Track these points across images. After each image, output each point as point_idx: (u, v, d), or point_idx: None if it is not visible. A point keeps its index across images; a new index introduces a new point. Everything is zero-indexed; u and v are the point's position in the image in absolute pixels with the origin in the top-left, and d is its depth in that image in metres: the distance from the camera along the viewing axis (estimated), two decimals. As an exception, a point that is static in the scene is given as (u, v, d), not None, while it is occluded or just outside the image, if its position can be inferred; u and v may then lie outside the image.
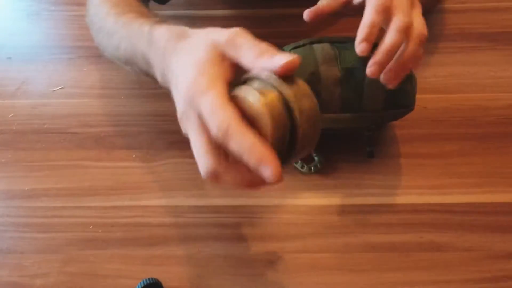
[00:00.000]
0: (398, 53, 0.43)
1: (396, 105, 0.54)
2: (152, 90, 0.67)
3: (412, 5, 0.45)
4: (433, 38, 0.71)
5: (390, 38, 0.42)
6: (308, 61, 0.52)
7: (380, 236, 0.53)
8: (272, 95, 0.34)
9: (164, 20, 0.49)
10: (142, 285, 0.48)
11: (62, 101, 0.67)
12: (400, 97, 0.53)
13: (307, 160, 0.59)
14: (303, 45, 0.55)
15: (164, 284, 0.50)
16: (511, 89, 0.65)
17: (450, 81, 0.66)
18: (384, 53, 0.42)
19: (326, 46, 0.54)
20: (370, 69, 0.42)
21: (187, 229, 0.55)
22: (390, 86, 0.45)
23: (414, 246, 0.53)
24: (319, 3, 0.48)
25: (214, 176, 0.36)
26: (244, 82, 0.37)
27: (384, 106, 0.53)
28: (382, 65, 0.42)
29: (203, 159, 0.36)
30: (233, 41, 0.37)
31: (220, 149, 0.35)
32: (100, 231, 0.55)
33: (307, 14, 0.47)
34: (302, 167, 0.58)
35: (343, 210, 0.55)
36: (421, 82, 0.66)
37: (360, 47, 0.42)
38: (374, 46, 0.43)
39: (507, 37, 0.71)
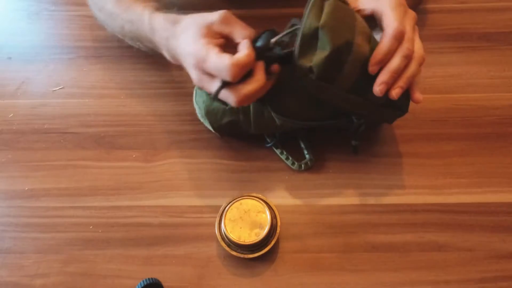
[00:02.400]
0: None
1: (394, 106, 0.53)
2: (152, 90, 0.67)
3: (414, 30, 0.51)
4: (433, 38, 0.71)
5: (396, 62, 0.48)
6: (348, 25, 0.48)
7: (380, 236, 0.53)
8: None
9: (159, 6, 0.57)
10: (142, 285, 0.48)
11: (62, 101, 0.67)
12: (401, 99, 0.51)
13: (298, 158, 0.59)
14: (347, 3, 0.51)
15: (164, 284, 0.50)
16: (511, 89, 0.65)
17: (450, 81, 0.66)
18: (391, 74, 0.48)
19: (363, 20, 0.50)
20: (379, 88, 0.48)
21: (187, 229, 0.55)
22: (395, 98, 0.50)
23: (414, 246, 0.53)
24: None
25: (244, 98, 0.47)
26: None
27: (385, 103, 0.51)
28: (389, 84, 0.49)
29: (227, 95, 0.48)
30: (227, 20, 0.49)
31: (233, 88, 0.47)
32: (100, 231, 0.55)
33: None
34: (293, 164, 0.59)
35: (343, 210, 0.55)
36: (421, 82, 0.66)
37: (379, 88, 0.49)
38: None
39: (507, 37, 0.71)
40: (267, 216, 0.52)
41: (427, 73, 0.67)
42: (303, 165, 0.59)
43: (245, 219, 0.52)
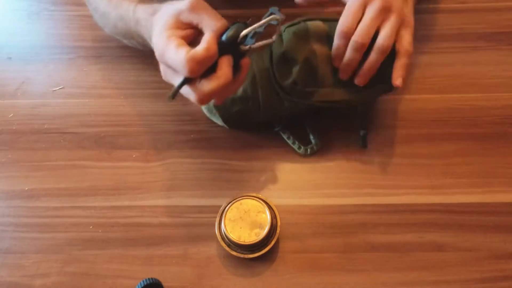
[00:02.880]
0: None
1: (383, 81, 0.54)
2: (152, 90, 0.67)
3: (402, 25, 0.52)
4: (433, 38, 0.71)
5: (347, 57, 0.52)
6: (304, 39, 0.55)
7: (380, 236, 0.53)
8: None
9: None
10: (142, 285, 0.48)
11: (62, 101, 0.67)
12: (386, 74, 0.54)
13: (304, 142, 0.59)
14: (298, 22, 0.57)
15: (164, 284, 0.50)
16: (511, 89, 0.65)
17: (450, 81, 0.66)
18: (345, 67, 0.53)
19: (318, 23, 0.56)
20: (341, 76, 0.55)
21: (187, 229, 0.55)
22: (360, 85, 0.54)
23: (414, 246, 0.53)
24: None
25: (205, 97, 0.45)
26: None
27: (372, 83, 0.55)
28: (348, 74, 0.54)
29: (188, 92, 0.46)
30: (195, 8, 0.46)
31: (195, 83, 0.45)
32: (100, 231, 0.55)
33: None
34: (299, 148, 0.59)
35: (343, 210, 0.55)
36: (421, 82, 0.66)
37: (341, 76, 0.54)
38: None
39: (507, 37, 0.71)
40: (267, 216, 0.52)
41: (427, 73, 0.67)
42: (309, 149, 0.59)
43: (245, 219, 0.52)
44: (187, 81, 0.44)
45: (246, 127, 0.62)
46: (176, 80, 0.45)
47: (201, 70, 0.44)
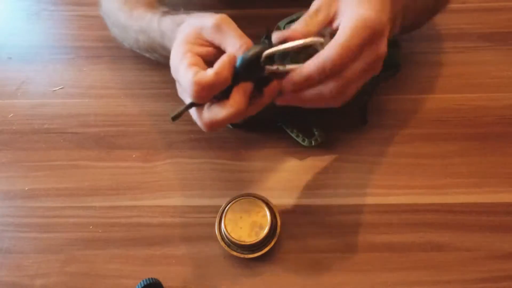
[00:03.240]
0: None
1: (384, 67, 0.54)
2: (152, 90, 0.67)
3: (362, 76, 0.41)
4: (433, 38, 0.71)
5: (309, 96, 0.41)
6: None
7: (380, 236, 0.53)
8: None
9: (168, 10, 0.54)
10: (142, 285, 0.48)
11: (62, 101, 0.67)
12: (386, 60, 0.53)
13: (308, 134, 0.60)
14: (297, 18, 0.56)
15: (164, 284, 0.50)
16: (511, 89, 0.65)
17: (450, 81, 0.66)
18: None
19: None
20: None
21: (187, 229, 0.55)
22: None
23: (414, 246, 0.53)
24: (293, 27, 0.42)
25: (212, 125, 0.42)
26: None
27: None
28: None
29: (195, 116, 0.43)
30: (219, 27, 0.41)
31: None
32: (100, 231, 0.55)
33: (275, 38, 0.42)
34: (303, 140, 0.60)
35: (343, 210, 0.55)
36: (421, 82, 0.66)
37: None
38: None
39: (507, 37, 0.71)
40: (267, 216, 0.52)
41: (427, 73, 0.67)
42: (313, 141, 0.59)
43: (245, 219, 0.52)
44: (194, 104, 0.41)
45: (249, 126, 0.62)
46: (187, 100, 0.42)
47: (208, 96, 0.40)
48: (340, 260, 0.52)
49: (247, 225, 0.51)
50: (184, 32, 0.44)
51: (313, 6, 0.42)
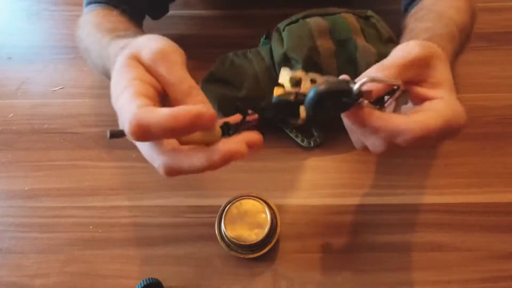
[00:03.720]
0: None
1: None
2: (152, 90, 0.67)
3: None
4: (433, 38, 0.71)
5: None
6: (305, 36, 0.55)
7: (380, 236, 0.53)
8: None
9: (124, 34, 0.47)
10: (142, 285, 0.48)
11: (62, 101, 0.67)
12: None
13: (307, 135, 0.60)
14: (296, 20, 0.57)
15: (164, 284, 0.50)
16: (511, 89, 0.65)
17: (450, 81, 0.66)
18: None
19: (318, 19, 0.56)
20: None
21: (187, 229, 0.55)
22: None
23: (414, 246, 0.52)
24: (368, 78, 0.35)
25: (172, 171, 0.33)
26: None
27: None
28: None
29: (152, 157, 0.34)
30: (165, 55, 0.34)
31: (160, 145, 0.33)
32: (100, 231, 0.55)
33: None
34: (302, 141, 0.60)
35: (343, 210, 0.55)
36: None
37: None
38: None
39: (507, 37, 0.71)
40: (267, 216, 0.52)
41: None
42: (312, 142, 0.60)
43: (245, 219, 0.52)
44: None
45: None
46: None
47: (148, 140, 0.33)
48: (340, 260, 0.52)
49: (247, 225, 0.51)
50: (128, 53, 0.35)
51: (411, 54, 0.37)
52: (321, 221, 0.55)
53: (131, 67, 0.35)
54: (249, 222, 0.52)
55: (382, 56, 0.49)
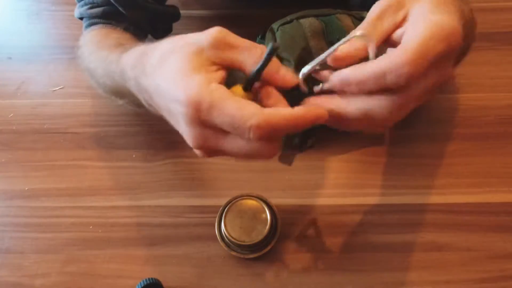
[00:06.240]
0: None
1: None
2: (152, 90, 0.67)
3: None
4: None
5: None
6: (298, 37, 0.54)
7: (380, 236, 0.53)
8: None
9: (131, 47, 0.42)
10: (142, 285, 0.48)
11: (62, 101, 0.67)
12: None
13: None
14: (291, 21, 0.56)
15: (164, 284, 0.50)
16: (511, 89, 0.65)
17: (450, 81, 0.66)
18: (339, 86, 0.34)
19: (312, 20, 0.55)
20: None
21: (187, 229, 0.55)
22: None
23: (414, 246, 0.53)
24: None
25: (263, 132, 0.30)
26: None
27: None
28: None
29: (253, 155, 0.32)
30: (223, 41, 0.32)
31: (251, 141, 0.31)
32: (100, 231, 0.55)
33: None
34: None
35: (343, 210, 0.55)
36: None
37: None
38: None
39: (507, 37, 0.71)
40: (267, 216, 0.52)
41: (427, 73, 0.67)
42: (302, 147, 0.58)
43: (245, 219, 0.52)
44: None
45: None
46: (227, 145, 0.32)
47: (271, 139, 0.31)
48: (340, 260, 0.52)
49: (247, 225, 0.51)
50: (180, 57, 0.32)
51: (374, 11, 0.34)
52: (321, 221, 0.55)
53: (197, 72, 0.31)
54: (249, 222, 0.52)
55: (376, 57, 0.48)
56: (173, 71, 0.32)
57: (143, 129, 0.64)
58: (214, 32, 0.32)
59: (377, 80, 0.31)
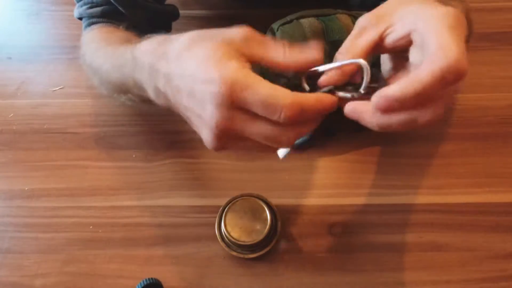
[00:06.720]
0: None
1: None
2: (152, 90, 0.67)
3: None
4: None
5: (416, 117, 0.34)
6: (298, 37, 0.54)
7: (380, 236, 0.53)
8: None
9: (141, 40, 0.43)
10: (142, 285, 0.48)
11: (62, 101, 0.67)
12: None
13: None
14: (291, 21, 0.56)
15: (164, 284, 0.50)
16: (511, 89, 0.65)
17: (450, 81, 0.66)
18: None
19: (312, 20, 0.55)
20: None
21: (187, 229, 0.55)
22: None
23: (414, 246, 0.53)
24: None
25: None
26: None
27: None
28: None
29: (280, 141, 0.34)
30: (255, 37, 0.34)
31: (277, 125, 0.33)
32: (100, 231, 0.55)
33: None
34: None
35: (343, 210, 0.55)
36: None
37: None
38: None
39: (507, 37, 0.71)
40: (267, 216, 0.52)
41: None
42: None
43: (245, 219, 0.52)
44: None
45: None
46: (252, 130, 0.33)
47: (299, 121, 0.33)
48: (340, 260, 0.52)
49: (247, 225, 0.51)
50: (212, 45, 0.33)
51: (353, 31, 0.37)
52: (321, 221, 0.55)
53: (233, 58, 0.32)
54: (249, 222, 0.52)
55: (376, 57, 0.49)
56: (205, 55, 0.33)
57: (143, 129, 0.64)
58: (245, 28, 0.34)
59: (435, 85, 0.30)
